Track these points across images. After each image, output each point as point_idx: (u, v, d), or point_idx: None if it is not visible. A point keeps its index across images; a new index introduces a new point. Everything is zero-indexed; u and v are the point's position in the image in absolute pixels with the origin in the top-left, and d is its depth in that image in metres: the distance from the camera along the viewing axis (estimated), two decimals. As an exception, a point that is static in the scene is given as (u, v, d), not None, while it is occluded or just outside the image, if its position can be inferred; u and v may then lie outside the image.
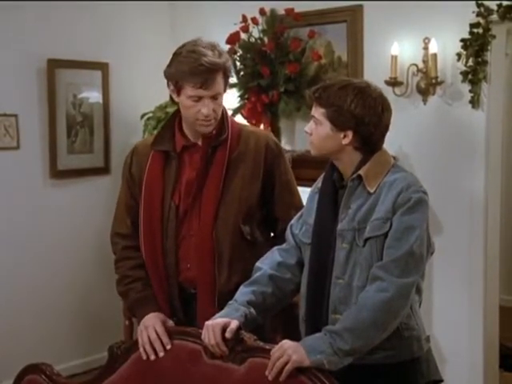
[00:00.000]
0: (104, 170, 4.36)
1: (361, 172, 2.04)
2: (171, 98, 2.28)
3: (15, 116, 3.98)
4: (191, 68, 2.10)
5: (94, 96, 4.34)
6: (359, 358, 1.88)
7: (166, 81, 2.25)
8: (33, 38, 4.01)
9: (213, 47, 2.18)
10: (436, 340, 3.77)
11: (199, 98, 2.14)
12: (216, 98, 2.18)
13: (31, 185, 4.09)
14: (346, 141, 2.04)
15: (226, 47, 4.00)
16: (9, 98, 3.95)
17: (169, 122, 2.33)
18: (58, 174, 4.19)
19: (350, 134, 2.04)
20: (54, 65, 4.09)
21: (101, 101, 4.36)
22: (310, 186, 3.71)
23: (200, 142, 2.26)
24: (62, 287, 4.22)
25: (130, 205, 2.32)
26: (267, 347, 1.90)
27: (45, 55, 4.05)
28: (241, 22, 4.01)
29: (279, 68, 3.90)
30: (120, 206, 2.37)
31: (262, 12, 4.03)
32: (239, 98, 4.06)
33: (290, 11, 3.98)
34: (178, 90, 2.18)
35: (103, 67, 4.33)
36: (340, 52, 4.03)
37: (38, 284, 4.12)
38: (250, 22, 3.99)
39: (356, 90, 2.02)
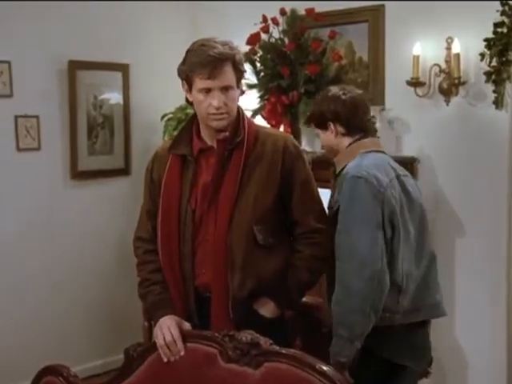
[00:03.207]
0: (124, 171, 4.37)
1: (335, 159, 2.59)
2: (187, 99, 2.27)
3: (36, 117, 4.00)
4: (200, 59, 2.10)
5: (115, 97, 4.35)
6: None
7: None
8: (54, 40, 4.03)
9: (224, 42, 2.16)
10: (458, 343, 3.72)
11: (209, 90, 2.12)
12: (227, 89, 2.15)
13: (52, 186, 4.11)
14: (334, 132, 2.55)
15: (247, 48, 3.99)
16: (30, 99, 3.97)
17: (186, 126, 2.32)
18: (79, 175, 4.20)
19: (331, 124, 2.53)
20: (75, 66, 4.11)
21: (121, 102, 4.37)
22: (328, 187, 3.71)
23: (216, 145, 2.23)
24: (82, 288, 4.23)
25: (151, 210, 2.32)
26: (283, 351, 1.87)
27: (66, 56, 4.07)
28: (261, 23, 3.98)
29: (299, 69, 3.86)
30: (142, 211, 2.38)
31: (282, 12, 4.00)
32: (259, 99, 4.03)
33: (310, 11, 3.94)
34: (190, 85, 2.17)
35: (124, 68, 4.34)
36: (361, 52, 4.00)
37: (59, 284, 4.14)
38: (270, 22, 3.96)
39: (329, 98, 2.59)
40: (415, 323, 2.46)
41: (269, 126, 4.00)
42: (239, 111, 2.27)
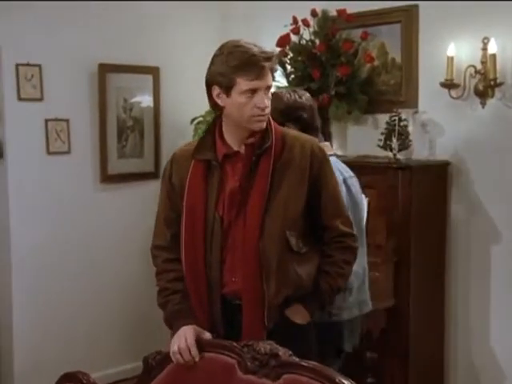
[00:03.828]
0: (154, 174, 4.34)
1: None
2: (212, 105, 2.19)
3: (66, 121, 4.00)
4: (244, 60, 2.02)
5: (145, 100, 4.34)
6: None
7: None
8: (84, 43, 4.03)
9: (254, 44, 2.09)
10: (494, 355, 3.61)
11: (254, 92, 2.06)
12: (268, 90, 2.10)
13: (82, 189, 4.11)
14: None
15: (277, 50, 3.93)
16: (60, 102, 3.97)
17: (209, 130, 2.24)
18: (108, 178, 4.19)
19: (291, 126, 2.53)
20: (105, 69, 4.10)
21: (151, 105, 4.35)
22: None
23: (242, 150, 2.17)
24: (112, 291, 4.22)
25: (170, 216, 2.25)
26: (303, 363, 1.81)
27: (96, 60, 4.07)
28: (291, 24, 3.92)
29: (330, 70, 3.79)
30: (159, 218, 2.30)
31: (313, 13, 3.94)
32: (290, 102, 3.97)
33: (342, 12, 3.87)
34: (228, 89, 2.08)
35: (154, 71, 4.32)
36: (394, 53, 3.91)
37: (88, 287, 4.13)
38: (300, 23, 3.89)
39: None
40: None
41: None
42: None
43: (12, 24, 3.76)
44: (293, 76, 3.91)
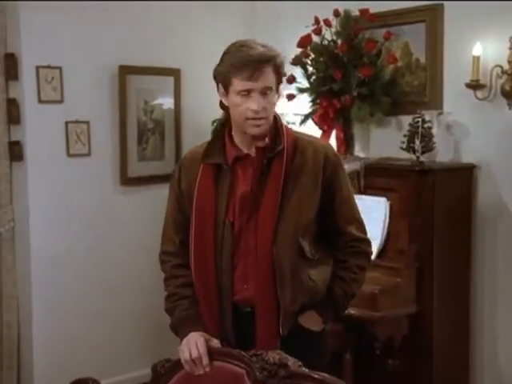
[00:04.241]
0: (175, 176, 4.30)
1: None
2: (221, 104, 2.16)
3: (87, 123, 3.99)
4: (240, 60, 2.00)
5: (166, 102, 4.30)
6: None
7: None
8: (104, 45, 4.01)
9: (264, 44, 2.05)
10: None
11: (248, 93, 2.01)
12: (266, 93, 2.03)
13: (102, 191, 4.09)
14: None
15: (298, 51, 3.88)
16: (80, 104, 3.96)
17: (219, 133, 2.19)
18: (129, 180, 4.17)
19: None
20: (126, 71, 4.08)
21: (172, 107, 4.32)
22: (383, 194, 3.56)
23: (253, 153, 2.12)
24: (132, 294, 4.20)
25: (179, 221, 2.21)
26: (312, 374, 1.75)
27: (116, 62, 4.04)
28: (313, 25, 3.86)
29: (352, 71, 3.72)
30: (168, 223, 2.26)
31: (336, 13, 3.87)
32: (311, 104, 3.91)
33: (364, 12, 3.79)
34: (226, 88, 2.06)
35: (175, 73, 4.29)
36: (418, 54, 3.82)
37: (108, 290, 4.12)
38: (322, 24, 3.83)
39: None
40: None
41: (321, 131, 3.88)
42: (276, 117, 2.15)
43: (32, 26, 3.76)
44: (314, 77, 3.84)
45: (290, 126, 4.07)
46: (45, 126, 3.85)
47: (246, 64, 1.99)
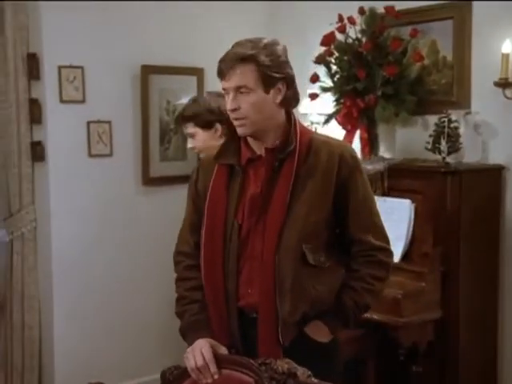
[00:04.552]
0: (197, 177, 4.26)
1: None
2: None
3: (109, 123, 3.97)
4: (220, 59, 2.03)
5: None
6: None
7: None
8: (126, 44, 3.99)
9: (254, 41, 2.00)
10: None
11: (226, 92, 2.00)
12: (241, 91, 1.97)
13: (124, 192, 4.07)
14: (218, 132, 2.93)
15: (321, 49, 3.81)
16: (103, 104, 3.94)
17: (234, 133, 2.12)
18: (151, 181, 4.14)
19: (217, 124, 2.90)
20: (148, 71, 4.05)
21: (195, 107, 4.27)
22: (407, 196, 3.47)
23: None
24: (153, 294, 4.16)
25: (195, 222, 2.16)
26: (322, 387, 1.68)
27: (138, 61, 4.01)
28: (337, 22, 3.78)
29: (377, 70, 3.63)
30: (184, 224, 2.23)
31: (361, 11, 3.78)
32: (335, 103, 3.83)
33: (390, 9, 3.70)
34: None
35: (198, 72, 4.24)
36: (445, 51, 3.72)
37: (129, 291, 4.09)
38: (346, 21, 3.74)
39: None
40: None
41: (345, 131, 3.80)
42: (291, 117, 2.08)
43: (54, 26, 3.75)
44: (338, 76, 3.76)
45: (313, 126, 4.05)
46: (66, 126, 3.84)
47: (220, 62, 2.01)
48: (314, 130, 4.04)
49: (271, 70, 1.97)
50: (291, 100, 2.05)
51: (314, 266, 1.99)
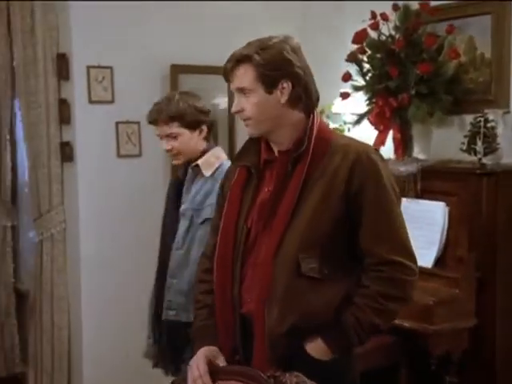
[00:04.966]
0: (227, 178, 4.20)
1: (199, 162, 2.73)
2: None
3: (138, 123, 3.93)
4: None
5: (219, 102, 4.20)
6: None
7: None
8: (156, 44, 3.95)
9: (259, 41, 1.94)
10: None
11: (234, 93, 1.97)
12: (244, 92, 1.92)
13: (153, 193, 4.01)
14: (201, 134, 2.82)
15: (353, 47, 3.70)
16: (131, 105, 3.90)
17: None
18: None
19: (202, 125, 2.82)
20: (178, 70, 4.00)
21: (226, 106, 4.21)
22: (441, 199, 3.34)
23: None
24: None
25: (217, 224, 2.09)
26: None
27: (168, 61, 3.97)
28: (370, 19, 3.66)
29: (410, 68, 3.50)
30: (211, 226, 2.19)
31: (395, 8, 3.66)
32: (367, 102, 3.72)
33: (425, 6, 3.57)
34: None
35: (229, 72, 4.18)
36: (483, 48, 3.56)
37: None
38: (379, 18, 3.63)
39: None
40: None
41: (377, 131, 3.68)
42: (311, 118, 1.97)
43: (83, 26, 3.74)
44: (370, 75, 3.65)
45: (346, 126, 3.95)
46: (95, 127, 3.83)
47: (224, 65, 1.97)
48: (344, 131, 3.96)
49: (269, 69, 1.90)
50: (300, 99, 1.95)
51: (310, 278, 1.86)
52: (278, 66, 1.91)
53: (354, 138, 2.12)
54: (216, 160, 2.75)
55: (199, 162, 2.73)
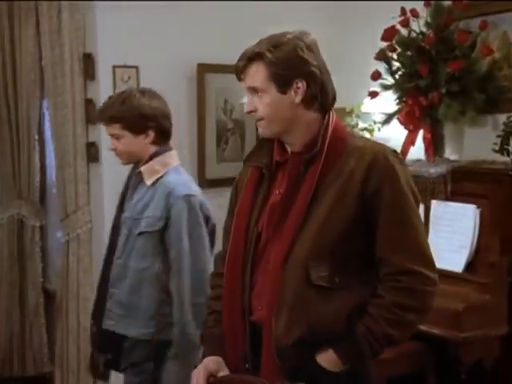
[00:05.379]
0: (255, 179, 4.14)
1: (142, 169, 2.57)
2: None
3: (164, 123, 3.90)
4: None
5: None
6: None
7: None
8: (182, 43, 3.90)
9: (273, 37, 1.86)
10: None
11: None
12: (256, 92, 1.84)
13: (179, 193, 3.99)
14: (148, 138, 2.64)
15: (383, 44, 3.60)
16: (157, 104, 3.87)
17: None
18: (207, 182, 4.03)
19: (149, 129, 2.61)
20: (204, 69, 3.96)
21: (254, 106, 4.15)
22: (472, 201, 3.22)
23: None
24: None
25: (229, 226, 2.02)
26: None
27: (194, 60, 3.92)
28: (400, 16, 3.56)
29: (441, 66, 3.39)
30: (224, 229, 2.11)
31: (427, 4, 3.55)
32: (397, 102, 3.61)
33: (457, 2, 3.45)
34: None
35: (256, 71, 4.12)
36: (518, 44, 3.44)
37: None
38: (409, 14, 3.52)
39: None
40: None
41: (407, 131, 3.58)
42: (326, 118, 1.88)
43: (108, 25, 3.72)
44: (400, 73, 3.54)
45: (376, 126, 3.85)
46: (121, 127, 3.79)
47: (236, 62, 1.90)
48: (374, 131, 3.87)
49: (282, 68, 1.81)
50: (316, 99, 1.86)
51: (320, 287, 1.77)
52: (291, 65, 1.83)
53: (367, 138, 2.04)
54: (162, 168, 2.57)
55: (142, 168, 2.57)
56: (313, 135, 1.86)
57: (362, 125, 3.92)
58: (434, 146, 3.50)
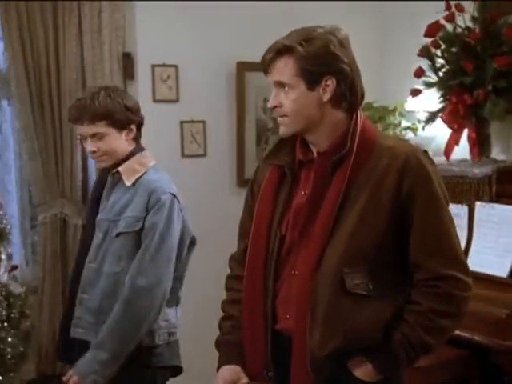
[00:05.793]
0: (295, 179, 4.08)
1: (120, 168, 2.42)
2: None
3: (203, 122, 3.87)
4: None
5: (287, 100, 4.08)
6: None
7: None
8: (221, 41, 3.87)
9: (304, 30, 1.79)
10: None
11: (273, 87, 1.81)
12: (283, 86, 1.77)
13: (217, 193, 3.96)
14: (129, 135, 2.51)
15: (426, 40, 3.49)
16: (196, 103, 3.85)
17: None
18: (246, 182, 3.93)
19: (131, 126, 2.50)
20: (244, 68, 3.91)
21: (293, 105, 4.09)
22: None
23: None
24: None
25: (246, 227, 1.98)
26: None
27: (234, 58, 3.88)
28: (445, 10, 3.44)
29: (488, 62, 3.26)
30: (239, 229, 2.07)
31: (474, -2, 3.42)
32: (441, 99, 3.49)
33: (505, -5, 3.32)
34: None
35: (298, 69, 4.05)
36: None
37: (217, 296, 3.96)
38: (454, 9, 3.40)
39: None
40: None
41: (451, 130, 3.46)
42: (354, 117, 1.81)
43: (148, 25, 3.71)
44: (444, 70, 3.43)
45: (420, 125, 3.73)
46: (159, 126, 3.77)
47: (263, 55, 1.84)
48: (418, 129, 3.75)
49: (312, 64, 1.74)
50: (345, 98, 1.79)
51: (355, 295, 1.70)
52: (322, 61, 1.76)
53: (401, 138, 1.96)
54: (140, 167, 2.47)
55: (120, 168, 2.45)
56: (339, 135, 1.80)
57: (404, 123, 3.81)
58: (480, 146, 3.37)
